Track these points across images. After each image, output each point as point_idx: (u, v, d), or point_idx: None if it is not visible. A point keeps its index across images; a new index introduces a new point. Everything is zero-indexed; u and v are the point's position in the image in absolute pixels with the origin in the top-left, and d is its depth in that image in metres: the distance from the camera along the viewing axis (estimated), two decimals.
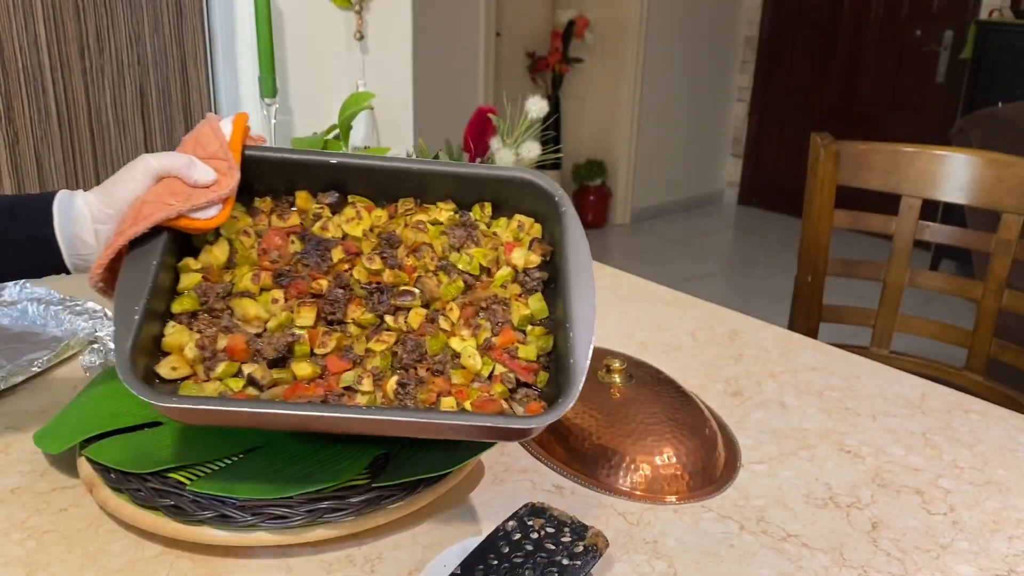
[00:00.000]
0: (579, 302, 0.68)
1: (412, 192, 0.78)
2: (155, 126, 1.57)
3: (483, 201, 0.79)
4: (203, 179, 0.69)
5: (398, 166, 0.77)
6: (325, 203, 0.77)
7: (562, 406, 0.62)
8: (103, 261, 0.67)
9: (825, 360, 1.06)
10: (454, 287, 0.73)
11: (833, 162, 1.45)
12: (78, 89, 1.46)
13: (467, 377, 0.68)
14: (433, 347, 0.69)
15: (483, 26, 3.87)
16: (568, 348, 0.66)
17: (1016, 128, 2.45)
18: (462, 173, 0.78)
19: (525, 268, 0.75)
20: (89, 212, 0.68)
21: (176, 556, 0.66)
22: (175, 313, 0.68)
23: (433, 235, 0.75)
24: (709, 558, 0.69)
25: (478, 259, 0.75)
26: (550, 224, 0.77)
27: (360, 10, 1.70)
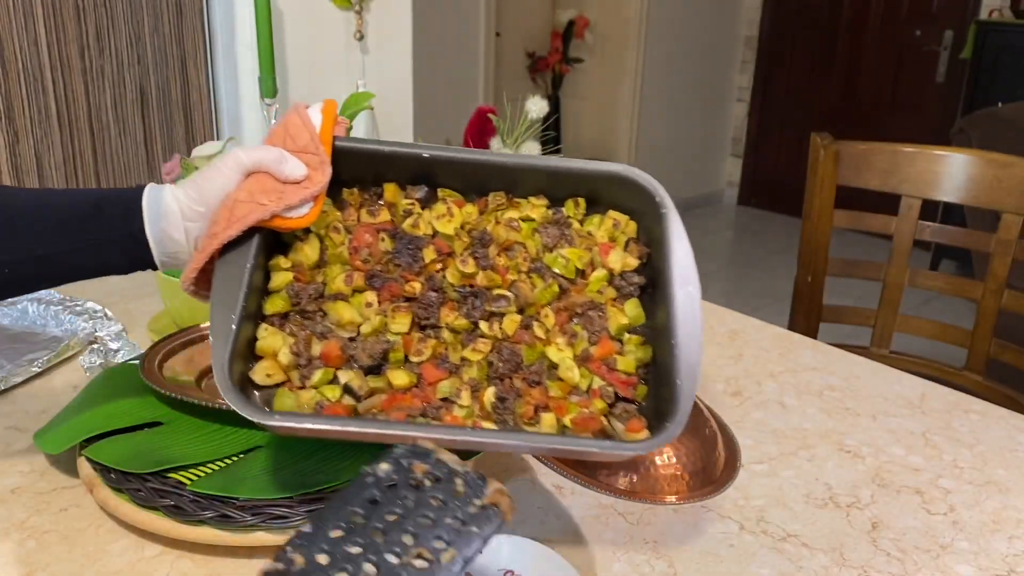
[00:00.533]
0: (683, 313, 0.64)
1: (503, 187, 0.75)
2: (155, 126, 1.57)
3: (576, 196, 0.76)
4: (295, 174, 0.66)
5: (491, 160, 0.74)
6: (415, 197, 0.74)
7: (670, 431, 0.57)
8: (197, 265, 0.64)
9: (825, 360, 1.06)
10: (549, 292, 0.70)
11: (833, 162, 1.45)
12: (78, 89, 1.46)
13: (565, 389, 0.66)
14: (529, 356, 0.66)
15: (483, 26, 3.86)
16: (673, 364, 0.61)
17: (1016, 128, 2.45)
18: (556, 167, 0.75)
19: (622, 271, 0.72)
20: (179, 208, 0.66)
21: (176, 556, 0.66)
22: (267, 315, 0.66)
23: (526, 234, 0.72)
24: (709, 558, 0.69)
25: (573, 261, 0.71)
26: (647, 223, 0.73)
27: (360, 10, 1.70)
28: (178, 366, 0.82)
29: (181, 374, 0.81)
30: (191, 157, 1.17)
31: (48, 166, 1.45)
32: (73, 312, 1.03)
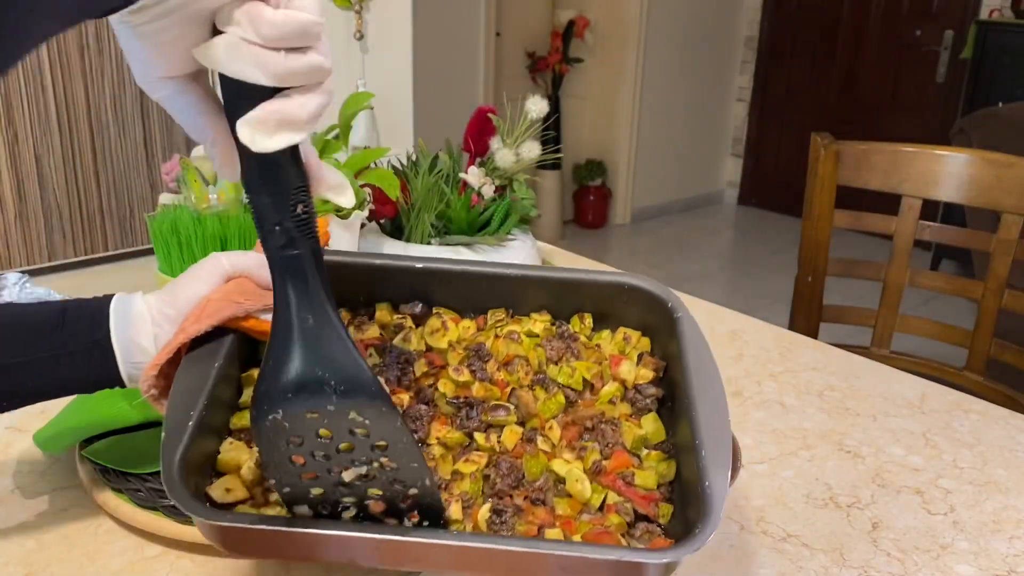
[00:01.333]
0: (708, 420, 0.56)
1: (503, 301, 0.71)
2: (155, 126, 1.57)
3: (583, 312, 0.71)
4: None
5: (489, 272, 0.70)
6: (408, 313, 0.69)
7: (703, 534, 0.48)
8: (159, 360, 0.58)
9: (825, 360, 1.06)
10: (554, 402, 0.63)
11: (833, 162, 1.45)
12: (78, 89, 1.47)
13: (574, 508, 0.57)
14: (532, 470, 0.58)
15: (483, 26, 3.87)
16: (700, 471, 0.53)
17: (1016, 128, 2.45)
18: (559, 278, 0.70)
19: (636, 384, 0.65)
20: (149, 314, 0.60)
21: (176, 556, 0.66)
22: (234, 429, 0.59)
23: (528, 347, 0.67)
24: (709, 558, 0.69)
25: (581, 372, 0.65)
26: (662, 337, 0.68)
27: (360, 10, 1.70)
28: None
29: None
30: (191, 157, 1.17)
31: (48, 166, 1.45)
32: None
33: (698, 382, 0.59)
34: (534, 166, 1.20)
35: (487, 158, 1.20)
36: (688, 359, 0.61)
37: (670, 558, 0.48)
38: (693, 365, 0.61)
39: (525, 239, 1.21)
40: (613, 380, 0.65)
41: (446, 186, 1.17)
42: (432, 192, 1.15)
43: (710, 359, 0.61)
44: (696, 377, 0.60)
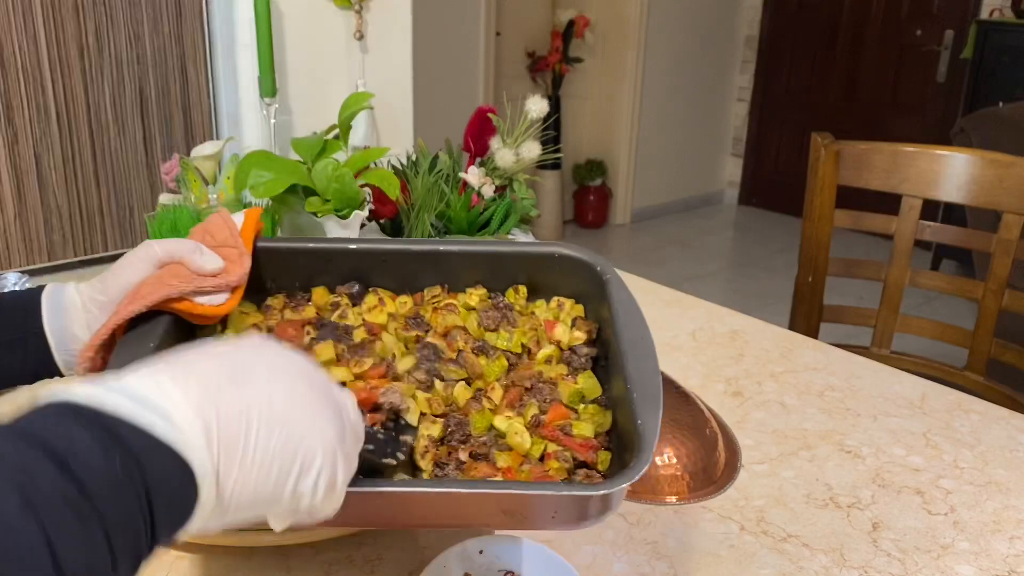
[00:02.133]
0: (639, 369, 0.59)
1: (438, 278, 0.72)
2: (154, 126, 1.57)
3: (516, 284, 0.73)
4: (210, 266, 0.62)
5: (420, 249, 0.72)
6: (344, 293, 0.71)
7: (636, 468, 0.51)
8: (95, 342, 0.58)
9: (825, 360, 1.06)
10: (497, 365, 0.65)
11: (833, 162, 1.45)
12: (77, 89, 1.46)
13: (515, 460, 0.58)
14: (478, 425, 0.60)
15: (483, 26, 3.86)
16: (633, 414, 0.56)
17: (1016, 128, 2.45)
18: (491, 252, 0.72)
19: (570, 345, 0.68)
20: (80, 301, 0.60)
21: (176, 556, 0.66)
22: None
23: (465, 318, 0.69)
24: (709, 558, 0.69)
25: (519, 337, 0.67)
26: (593, 303, 0.70)
27: (360, 10, 1.70)
28: None
29: None
30: (190, 157, 1.17)
31: (47, 166, 1.45)
32: None
33: (628, 335, 0.62)
34: (534, 166, 1.20)
35: (487, 158, 1.20)
36: (618, 318, 0.64)
37: (606, 490, 0.49)
38: (623, 322, 0.64)
39: (525, 239, 1.21)
40: (549, 343, 0.68)
41: (446, 186, 1.17)
42: (432, 192, 1.15)
43: (639, 317, 0.64)
44: (626, 331, 0.63)
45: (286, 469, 0.36)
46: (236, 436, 0.34)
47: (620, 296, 0.67)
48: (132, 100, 1.53)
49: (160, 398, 0.33)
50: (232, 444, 0.34)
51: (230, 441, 0.34)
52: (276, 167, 1.05)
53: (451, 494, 0.51)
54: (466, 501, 0.51)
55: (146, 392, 0.33)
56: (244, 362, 0.38)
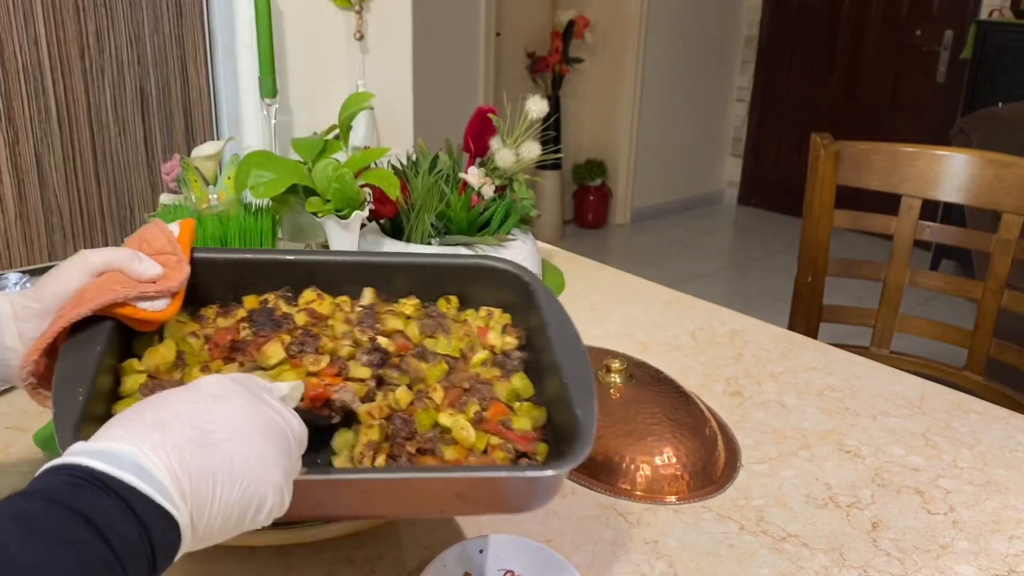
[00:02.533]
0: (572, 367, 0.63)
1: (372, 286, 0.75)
2: (155, 126, 1.57)
3: (447, 295, 0.76)
4: (149, 272, 0.63)
5: (353, 260, 0.75)
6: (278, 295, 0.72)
7: (581, 452, 0.54)
8: (39, 345, 0.58)
9: (825, 360, 1.06)
10: (438, 369, 0.68)
11: (833, 162, 1.45)
12: (78, 89, 1.47)
13: (461, 453, 0.61)
14: (424, 422, 0.63)
15: (483, 26, 3.87)
16: (570, 404, 0.59)
17: (1016, 128, 2.45)
18: (423, 263, 0.75)
19: (503, 350, 0.72)
20: (11, 310, 0.59)
21: None
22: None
23: (404, 324, 0.71)
24: (709, 558, 0.69)
25: (456, 343, 0.71)
26: (521, 312, 0.74)
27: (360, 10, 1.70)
28: None
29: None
30: (191, 157, 1.17)
31: (48, 166, 1.45)
32: None
33: (558, 337, 0.66)
34: (534, 166, 1.20)
35: (487, 158, 1.20)
36: (549, 322, 0.68)
37: (555, 471, 0.53)
38: (554, 325, 0.68)
39: (525, 239, 1.21)
40: (482, 348, 0.71)
41: (446, 186, 1.17)
42: (432, 192, 1.15)
43: (569, 321, 0.68)
44: (557, 333, 0.67)
45: (244, 513, 0.45)
46: (205, 495, 0.42)
47: (549, 303, 0.70)
48: (133, 100, 1.53)
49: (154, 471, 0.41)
50: (202, 501, 0.42)
51: (200, 499, 0.42)
52: (276, 167, 1.05)
53: (407, 480, 0.53)
54: (421, 487, 0.54)
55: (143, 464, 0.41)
56: (208, 424, 0.45)
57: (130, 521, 0.39)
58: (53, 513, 0.37)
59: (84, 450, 0.41)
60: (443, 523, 0.72)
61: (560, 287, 1.24)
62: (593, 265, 1.36)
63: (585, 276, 1.31)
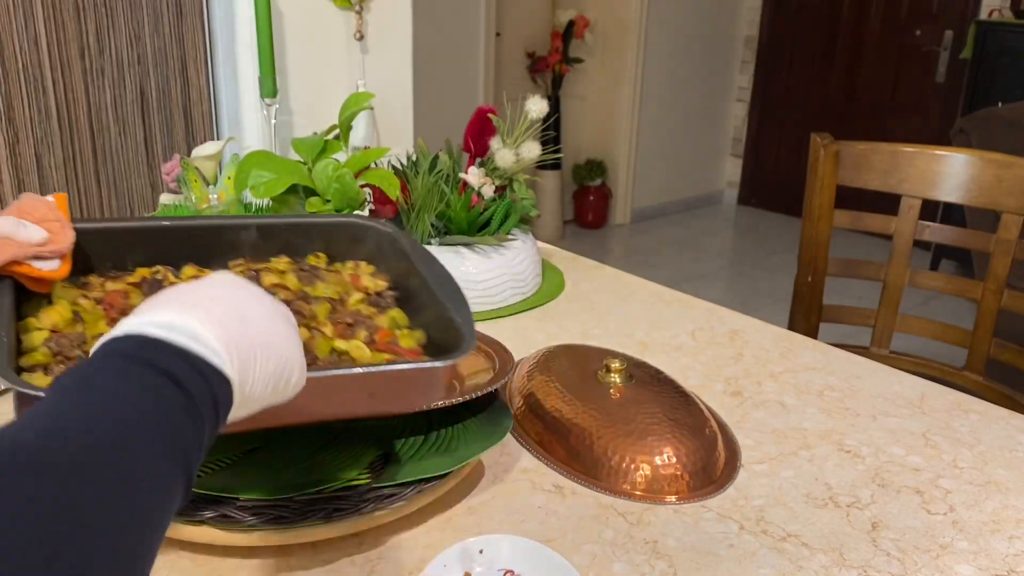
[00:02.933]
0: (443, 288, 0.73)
1: (242, 252, 0.80)
2: (155, 126, 1.57)
3: (316, 252, 0.82)
4: (36, 237, 0.66)
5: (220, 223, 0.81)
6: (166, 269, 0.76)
7: (467, 345, 0.64)
8: None
9: (825, 360, 1.06)
10: (324, 307, 0.73)
11: (833, 162, 1.45)
12: (78, 89, 1.47)
13: None
14: (322, 349, 0.68)
15: (483, 26, 3.87)
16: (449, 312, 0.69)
17: (1016, 128, 2.45)
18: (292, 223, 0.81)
19: (376, 291, 0.78)
20: None
21: (176, 556, 0.66)
22: (25, 367, 0.63)
23: (280, 277, 0.76)
24: (709, 558, 0.69)
25: (334, 286, 0.76)
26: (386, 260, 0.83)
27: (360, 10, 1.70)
28: None
29: None
30: (191, 157, 1.17)
31: (48, 166, 1.45)
32: None
33: (428, 270, 0.76)
34: (534, 166, 1.20)
35: (487, 158, 1.20)
36: (417, 259, 0.78)
37: (450, 360, 0.63)
38: (421, 260, 0.78)
39: (525, 239, 1.21)
40: (357, 291, 0.78)
41: (446, 186, 1.17)
42: (432, 192, 1.15)
43: (433, 257, 0.78)
44: (426, 267, 0.76)
45: (277, 383, 0.50)
46: (248, 364, 0.47)
47: (414, 246, 0.80)
48: (133, 100, 1.53)
49: (208, 339, 0.45)
50: (245, 369, 0.47)
51: (244, 367, 0.47)
52: (276, 167, 1.05)
53: (322, 379, 0.59)
54: (335, 385, 0.61)
55: (199, 332, 0.44)
56: (241, 305, 0.49)
57: (197, 375, 0.43)
58: (132, 365, 0.41)
59: (139, 322, 0.44)
60: (443, 523, 0.72)
61: (560, 287, 1.24)
62: (593, 265, 1.36)
63: (585, 276, 1.31)
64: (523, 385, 0.89)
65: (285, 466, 0.71)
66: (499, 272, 1.14)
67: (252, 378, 0.47)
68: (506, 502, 0.75)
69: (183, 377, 0.42)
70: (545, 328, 1.12)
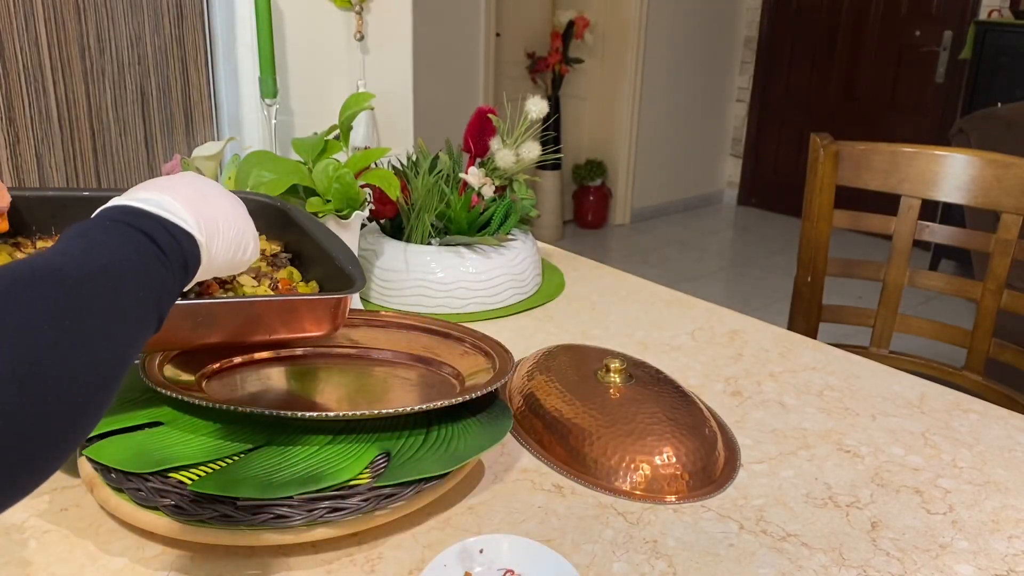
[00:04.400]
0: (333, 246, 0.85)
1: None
2: (156, 126, 1.57)
3: None
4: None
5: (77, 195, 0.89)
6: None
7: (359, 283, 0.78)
8: None
9: (825, 360, 1.06)
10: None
11: (833, 162, 1.45)
12: (79, 89, 1.47)
13: None
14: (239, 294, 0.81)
15: (483, 26, 3.87)
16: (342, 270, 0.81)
17: (1015, 128, 2.45)
18: None
19: (272, 253, 0.91)
20: None
21: (176, 556, 0.66)
22: None
23: None
24: (709, 558, 0.69)
25: None
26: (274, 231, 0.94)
27: (360, 10, 1.70)
28: (178, 366, 0.83)
29: (181, 374, 0.81)
30: (192, 157, 1.17)
31: (48, 166, 1.45)
32: None
33: (319, 232, 0.88)
34: (534, 166, 1.20)
35: (487, 158, 1.20)
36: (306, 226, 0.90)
37: (350, 292, 0.77)
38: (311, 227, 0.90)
39: (525, 239, 1.21)
40: None
41: (446, 186, 1.17)
42: (432, 192, 1.15)
43: (321, 224, 0.91)
44: (317, 231, 0.89)
45: (236, 250, 0.61)
46: (212, 232, 0.58)
47: (301, 215, 0.92)
48: (133, 101, 1.53)
49: (179, 210, 0.54)
50: (211, 236, 0.57)
51: (210, 234, 0.57)
52: (277, 167, 1.05)
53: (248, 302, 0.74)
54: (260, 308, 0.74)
55: (170, 205, 0.54)
56: (204, 189, 0.59)
57: (169, 236, 0.53)
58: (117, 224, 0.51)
59: (123, 199, 0.54)
60: (443, 523, 0.72)
61: (560, 287, 1.25)
62: (593, 265, 1.36)
63: (585, 276, 1.31)
64: (523, 385, 0.89)
65: (285, 466, 0.71)
66: (499, 272, 1.14)
67: (216, 242, 0.58)
68: (506, 502, 0.75)
69: (158, 236, 0.52)
70: (545, 328, 1.12)
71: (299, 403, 0.80)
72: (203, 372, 0.84)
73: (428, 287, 1.12)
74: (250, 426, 0.76)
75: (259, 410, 0.70)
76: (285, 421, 0.76)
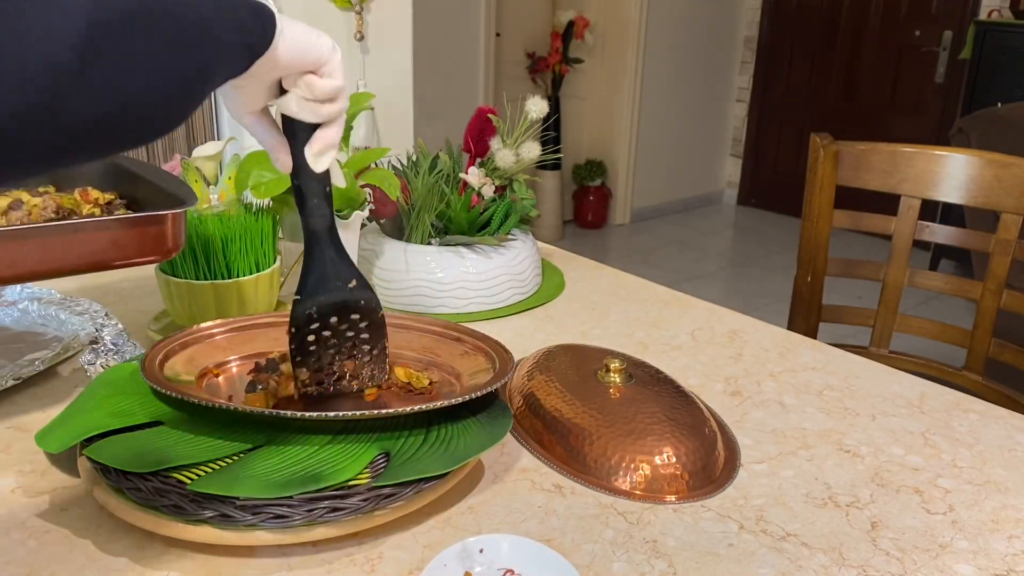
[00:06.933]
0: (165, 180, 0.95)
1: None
2: None
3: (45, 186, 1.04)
4: None
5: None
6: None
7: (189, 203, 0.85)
8: None
9: (824, 360, 1.06)
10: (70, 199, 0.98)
11: (832, 162, 1.45)
12: None
13: None
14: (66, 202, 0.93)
15: (483, 26, 3.87)
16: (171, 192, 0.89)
17: (1015, 128, 2.45)
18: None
19: (106, 201, 1.00)
20: None
21: (176, 556, 0.66)
22: None
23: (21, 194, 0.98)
24: (709, 558, 0.69)
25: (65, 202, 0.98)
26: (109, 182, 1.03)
27: (360, 10, 1.70)
28: (178, 366, 0.82)
29: (181, 374, 0.81)
30: (192, 157, 1.17)
31: None
32: (74, 312, 1.03)
33: (145, 170, 0.97)
34: (534, 166, 1.20)
35: (487, 158, 1.20)
36: (134, 169, 0.98)
37: (176, 210, 0.83)
38: (137, 168, 0.99)
39: (525, 239, 1.21)
40: (87, 204, 0.98)
41: (446, 186, 1.17)
42: (432, 192, 1.15)
43: (150, 165, 1.00)
44: (144, 170, 0.98)
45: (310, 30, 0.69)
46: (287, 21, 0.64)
47: (130, 162, 1.02)
48: None
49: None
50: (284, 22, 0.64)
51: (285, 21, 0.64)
52: None
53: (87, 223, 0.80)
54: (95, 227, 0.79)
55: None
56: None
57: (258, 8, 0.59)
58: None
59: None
60: (443, 523, 0.72)
61: (560, 287, 1.25)
62: (593, 265, 1.36)
63: (585, 276, 1.31)
64: (523, 385, 0.89)
65: (285, 466, 0.71)
66: (499, 272, 1.14)
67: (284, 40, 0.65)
68: (506, 502, 0.75)
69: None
70: (545, 328, 1.12)
71: (299, 403, 0.80)
72: (203, 371, 0.84)
73: (428, 287, 1.13)
74: (250, 426, 0.76)
75: (259, 410, 0.70)
76: (285, 421, 0.76)
